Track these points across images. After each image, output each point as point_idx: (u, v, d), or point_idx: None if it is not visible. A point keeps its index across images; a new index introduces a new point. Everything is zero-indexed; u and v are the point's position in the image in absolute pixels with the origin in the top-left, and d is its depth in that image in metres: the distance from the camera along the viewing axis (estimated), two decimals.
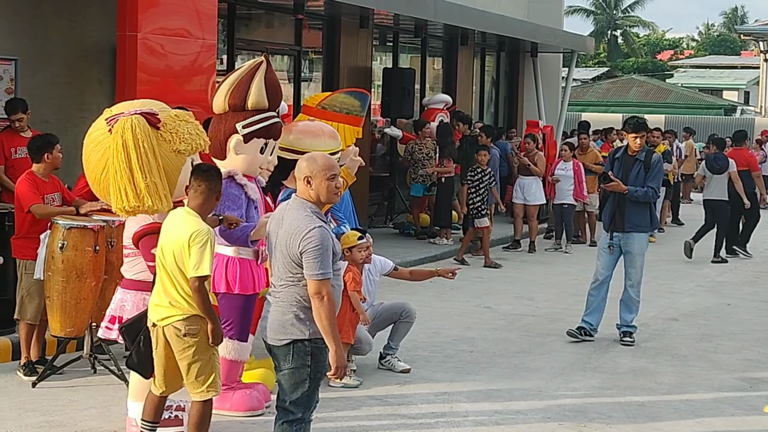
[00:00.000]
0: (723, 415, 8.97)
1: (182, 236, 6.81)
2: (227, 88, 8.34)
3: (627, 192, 11.36)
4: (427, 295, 13.72)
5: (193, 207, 7.00)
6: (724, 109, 51.20)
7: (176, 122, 7.63)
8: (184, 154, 7.53)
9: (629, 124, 11.71)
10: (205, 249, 6.76)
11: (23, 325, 9.34)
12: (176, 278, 6.88)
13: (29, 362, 9.32)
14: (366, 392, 9.12)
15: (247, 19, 17.51)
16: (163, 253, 6.94)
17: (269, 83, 8.38)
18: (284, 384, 6.37)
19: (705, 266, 17.77)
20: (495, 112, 26.41)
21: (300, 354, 6.28)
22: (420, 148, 18.27)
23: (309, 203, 6.31)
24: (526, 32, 23.10)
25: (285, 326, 6.30)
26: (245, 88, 8.28)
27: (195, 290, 6.79)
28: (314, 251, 6.14)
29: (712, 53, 76.49)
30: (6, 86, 12.28)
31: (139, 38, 11.35)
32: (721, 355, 11.19)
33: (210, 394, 7.00)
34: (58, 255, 8.77)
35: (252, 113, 8.30)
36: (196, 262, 6.75)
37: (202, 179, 7.02)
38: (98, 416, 8.22)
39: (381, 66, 20.84)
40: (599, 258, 11.73)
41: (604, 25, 76.00)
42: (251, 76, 8.31)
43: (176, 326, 6.89)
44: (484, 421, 8.52)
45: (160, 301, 6.96)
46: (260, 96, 8.30)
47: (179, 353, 6.94)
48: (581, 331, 11.56)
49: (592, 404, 9.09)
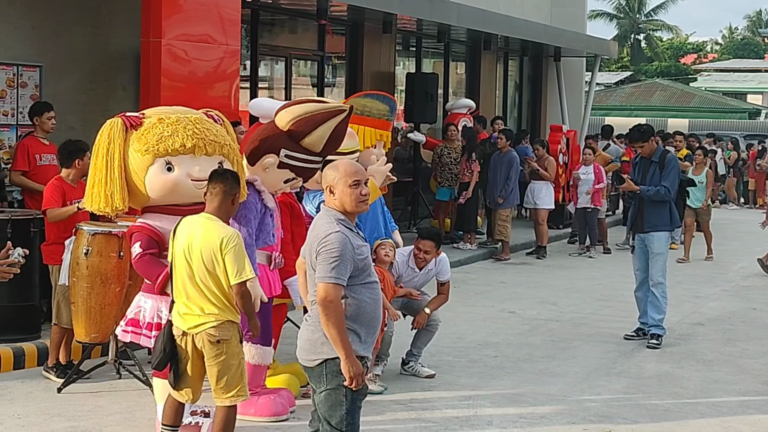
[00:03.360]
0: (749, 420, 8.91)
1: (210, 243, 6.80)
2: (299, 113, 8.16)
3: (639, 191, 11.49)
4: (451, 300, 13.60)
5: (210, 211, 7.00)
6: (749, 112, 50.95)
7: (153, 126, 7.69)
8: (147, 155, 7.61)
9: (628, 136, 11.84)
10: (240, 252, 6.80)
11: (57, 329, 9.41)
12: (206, 285, 6.87)
13: (59, 364, 9.37)
14: (390, 397, 9.11)
15: (270, 24, 17.53)
16: (186, 260, 6.91)
17: (336, 133, 8.23)
18: (321, 407, 6.09)
19: (729, 271, 17.69)
20: (518, 116, 26.38)
21: (334, 374, 5.98)
22: (449, 151, 18.24)
23: (334, 212, 6.09)
24: (550, 37, 23.08)
25: (315, 345, 6.04)
26: (313, 125, 8.11)
27: (240, 295, 6.81)
28: (328, 254, 5.90)
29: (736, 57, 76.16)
30: (31, 93, 12.34)
31: (163, 44, 11.39)
32: (746, 359, 11.14)
33: (239, 399, 7.02)
34: (83, 261, 8.79)
35: (302, 149, 8.22)
36: (237, 269, 6.76)
37: (216, 182, 7.02)
38: (123, 421, 8.24)
39: (404, 71, 20.84)
40: (633, 260, 11.91)
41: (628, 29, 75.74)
42: (326, 118, 8.13)
43: (210, 333, 6.89)
44: (509, 425, 8.50)
45: (188, 310, 6.96)
46: (320, 141, 8.18)
47: (211, 359, 6.93)
48: (639, 332, 11.76)
49: (618, 409, 9.06)
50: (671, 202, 11.61)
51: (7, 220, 9.95)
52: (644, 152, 11.65)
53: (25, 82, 12.33)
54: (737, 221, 26.45)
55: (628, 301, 12.71)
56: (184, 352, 7.01)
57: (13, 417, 8.29)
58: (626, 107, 49.70)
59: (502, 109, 25.10)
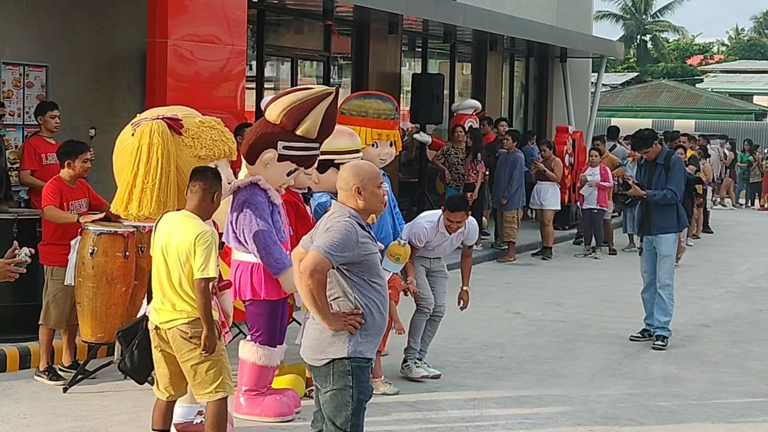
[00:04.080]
0: (754, 422, 8.90)
1: (187, 239, 6.78)
2: (287, 104, 8.18)
3: (646, 196, 11.47)
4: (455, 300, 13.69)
5: (190, 208, 6.97)
6: (755, 114, 50.92)
7: (200, 128, 7.69)
8: (205, 160, 7.57)
9: (632, 142, 11.83)
10: (210, 250, 6.74)
11: (44, 329, 9.37)
12: (179, 283, 6.85)
13: (50, 367, 9.35)
14: (395, 398, 9.10)
15: (276, 25, 17.54)
16: (163, 256, 6.90)
17: (328, 116, 8.24)
18: (326, 407, 6.06)
19: (735, 272, 17.67)
20: (524, 117, 26.35)
21: (340, 374, 5.97)
22: (456, 152, 18.25)
23: (349, 209, 6.05)
24: (556, 37, 23.07)
25: (322, 344, 6.00)
26: (304, 113, 8.13)
27: (200, 291, 6.74)
28: (332, 231, 5.87)
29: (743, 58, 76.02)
30: (37, 92, 12.36)
31: (169, 45, 11.40)
32: (752, 361, 11.12)
33: (219, 394, 6.95)
34: (89, 261, 8.80)
35: (298, 138, 8.21)
36: (201, 264, 6.72)
37: (196, 179, 6.98)
38: (128, 421, 8.24)
39: (410, 72, 20.84)
40: (640, 262, 11.92)
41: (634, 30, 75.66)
42: (315, 103, 8.15)
43: (182, 329, 6.86)
44: (514, 426, 8.49)
45: (162, 305, 6.95)
46: (314, 126, 8.17)
47: (183, 356, 6.90)
48: (645, 333, 11.77)
49: (623, 410, 9.05)
50: (678, 203, 11.60)
51: (12, 219, 9.95)
52: (650, 156, 11.64)
53: (31, 82, 12.36)
54: (743, 222, 26.47)
55: (633, 302, 12.71)
56: (157, 347, 7.00)
57: (18, 417, 8.30)
58: (632, 108, 49.69)
59: (508, 110, 25.10)
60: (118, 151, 7.85)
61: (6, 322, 9.96)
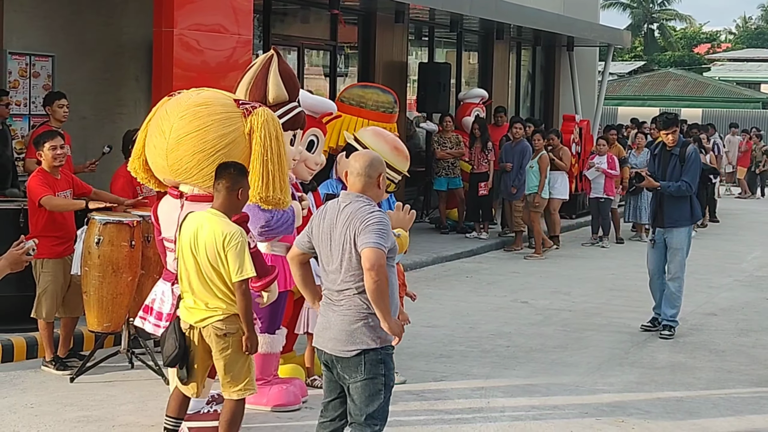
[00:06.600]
0: (762, 411, 8.89)
1: (214, 239, 6.74)
2: (245, 87, 8.24)
3: (660, 188, 11.36)
4: (463, 290, 13.70)
5: (216, 206, 6.93)
6: (762, 102, 50.77)
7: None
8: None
9: (660, 120, 11.70)
10: (243, 250, 6.72)
11: (42, 323, 9.37)
12: (211, 280, 6.82)
13: (57, 357, 9.36)
14: (403, 387, 9.06)
15: (282, 14, 17.52)
16: (193, 254, 6.85)
17: (285, 75, 8.28)
18: (357, 397, 6.09)
19: (743, 261, 17.65)
20: (531, 106, 26.33)
21: (373, 363, 6.03)
22: (444, 141, 18.25)
23: (369, 198, 6.09)
24: (562, 26, 23.02)
25: (353, 335, 6.02)
26: (263, 84, 8.19)
27: (241, 293, 6.74)
28: (375, 225, 5.90)
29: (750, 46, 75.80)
30: (43, 83, 12.36)
31: (176, 34, 11.37)
32: (759, 350, 11.11)
33: (247, 393, 6.97)
34: (95, 250, 8.80)
35: (274, 107, 8.16)
36: (238, 266, 6.69)
37: (220, 177, 6.94)
38: (135, 411, 8.25)
39: (416, 61, 20.83)
40: (648, 253, 11.85)
41: (641, 18, 75.47)
42: (266, 72, 8.22)
43: (216, 326, 6.84)
44: (521, 416, 8.48)
45: (194, 304, 6.94)
46: (279, 89, 8.21)
47: (218, 353, 6.89)
48: (654, 322, 11.75)
49: (630, 399, 9.04)
50: (693, 195, 11.51)
51: (18, 209, 9.95)
52: (671, 140, 11.45)
53: (37, 72, 12.36)
54: (750, 211, 26.43)
55: (641, 291, 12.70)
56: (193, 345, 6.99)
57: (26, 406, 8.31)
58: (639, 97, 49.55)
59: (515, 99, 25.08)
60: (215, 119, 7.47)
61: (12, 313, 9.96)
